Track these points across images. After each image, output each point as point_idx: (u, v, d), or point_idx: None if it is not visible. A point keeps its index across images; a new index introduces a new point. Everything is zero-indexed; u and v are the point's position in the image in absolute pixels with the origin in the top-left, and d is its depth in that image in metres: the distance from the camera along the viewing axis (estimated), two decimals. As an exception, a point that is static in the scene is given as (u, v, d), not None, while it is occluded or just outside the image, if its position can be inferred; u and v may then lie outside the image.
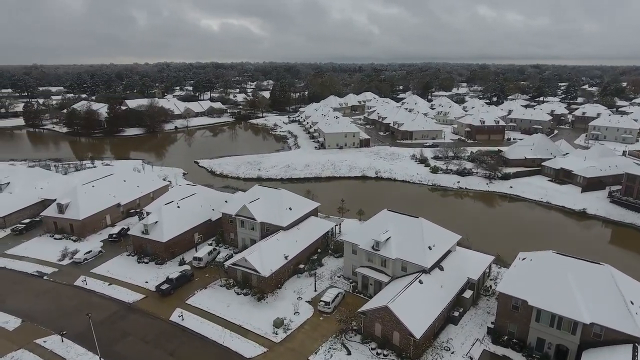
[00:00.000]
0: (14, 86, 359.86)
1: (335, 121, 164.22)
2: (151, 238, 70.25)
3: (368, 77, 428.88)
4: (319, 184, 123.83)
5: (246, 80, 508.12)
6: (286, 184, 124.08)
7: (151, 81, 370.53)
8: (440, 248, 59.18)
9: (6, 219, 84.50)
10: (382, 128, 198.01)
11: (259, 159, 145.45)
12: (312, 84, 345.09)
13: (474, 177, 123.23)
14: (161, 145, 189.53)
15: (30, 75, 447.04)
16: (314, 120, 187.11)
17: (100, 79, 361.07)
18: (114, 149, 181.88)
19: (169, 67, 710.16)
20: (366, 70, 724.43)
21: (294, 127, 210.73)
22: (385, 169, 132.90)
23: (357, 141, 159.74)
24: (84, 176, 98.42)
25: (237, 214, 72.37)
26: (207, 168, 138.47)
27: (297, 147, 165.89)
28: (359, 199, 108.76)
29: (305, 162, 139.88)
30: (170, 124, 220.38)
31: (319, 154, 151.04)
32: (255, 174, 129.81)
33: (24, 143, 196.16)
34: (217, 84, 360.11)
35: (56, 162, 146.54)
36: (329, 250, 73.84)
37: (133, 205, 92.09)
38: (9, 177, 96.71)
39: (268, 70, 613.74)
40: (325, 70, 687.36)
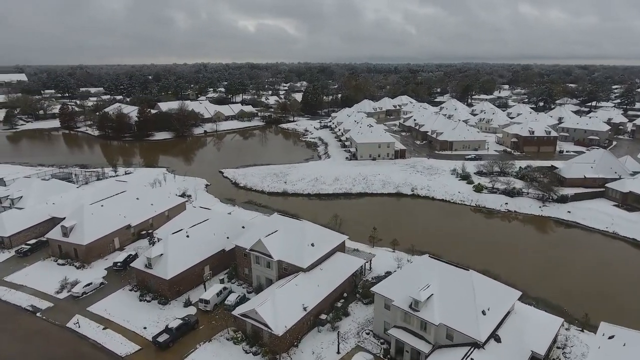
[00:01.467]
0: (57, 87, 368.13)
1: (369, 130, 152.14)
2: (155, 274, 61.41)
3: (404, 79, 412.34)
4: (349, 202, 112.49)
5: (279, 81, 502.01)
6: (313, 200, 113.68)
7: (186, 83, 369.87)
8: (497, 311, 46.80)
9: (12, 239, 78.37)
10: (418, 136, 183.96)
11: (286, 170, 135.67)
12: (346, 86, 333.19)
13: (524, 199, 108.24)
14: (188, 150, 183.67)
15: (74, 76, 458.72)
16: (346, 128, 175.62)
17: (136, 80, 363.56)
18: (141, 153, 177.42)
19: (206, 67, 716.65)
20: (402, 72, 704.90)
21: (325, 133, 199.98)
22: (422, 185, 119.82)
23: (392, 152, 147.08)
24: (97, 190, 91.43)
25: (252, 249, 62.37)
26: (231, 179, 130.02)
27: (327, 157, 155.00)
28: (393, 222, 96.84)
29: (335, 175, 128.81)
30: (199, 128, 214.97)
31: (350, 166, 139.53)
32: (280, 187, 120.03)
33: (56, 146, 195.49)
34: (249, 86, 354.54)
35: (81, 167, 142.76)
36: (356, 294, 62.58)
37: (145, 225, 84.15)
38: (22, 190, 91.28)
39: (302, 71, 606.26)
40: (360, 71, 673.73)
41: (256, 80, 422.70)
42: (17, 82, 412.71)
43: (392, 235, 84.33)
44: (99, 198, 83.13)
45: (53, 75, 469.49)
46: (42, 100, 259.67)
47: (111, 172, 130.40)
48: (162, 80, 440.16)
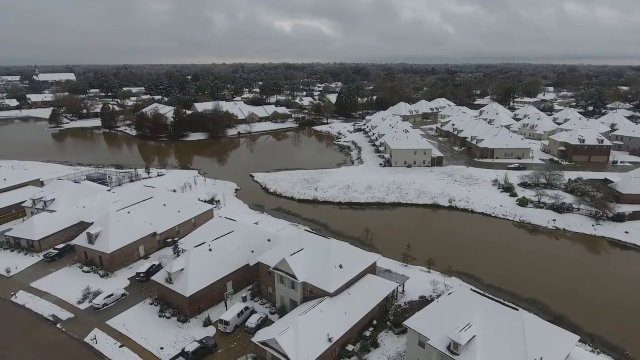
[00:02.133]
0: (101, 86, 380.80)
1: (404, 135, 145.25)
2: (175, 289, 58.39)
3: (442, 80, 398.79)
4: (382, 212, 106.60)
5: (314, 82, 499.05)
6: (344, 209, 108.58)
7: (222, 83, 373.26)
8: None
9: (42, 242, 78.00)
10: (457, 142, 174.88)
11: (317, 176, 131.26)
12: (381, 88, 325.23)
13: (574, 215, 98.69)
14: (221, 151, 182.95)
15: (118, 75, 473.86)
16: (380, 132, 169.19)
17: (175, 80, 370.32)
18: (175, 154, 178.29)
19: (243, 68, 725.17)
20: (439, 72, 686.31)
21: (358, 137, 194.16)
22: (461, 196, 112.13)
23: (429, 159, 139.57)
24: (125, 195, 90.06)
25: (276, 268, 58.15)
26: (261, 184, 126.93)
27: (360, 162, 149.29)
28: (428, 237, 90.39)
29: (367, 183, 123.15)
30: (233, 129, 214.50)
31: (383, 173, 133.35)
32: (311, 194, 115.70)
33: (96, 144, 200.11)
34: (284, 87, 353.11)
35: (116, 168, 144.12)
36: (387, 322, 57.10)
37: (171, 233, 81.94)
38: (54, 192, 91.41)
39: (337, 72, 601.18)
40: (396, 71, 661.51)
41: (291, 81, 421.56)
42: (65, 81, 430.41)
43: (427, 252, 78.37)
44: (127, 204, 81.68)
45: (99, 75, 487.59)
46: (85, 99, 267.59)
47: (144, 173, 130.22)
48: (200, 80, 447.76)
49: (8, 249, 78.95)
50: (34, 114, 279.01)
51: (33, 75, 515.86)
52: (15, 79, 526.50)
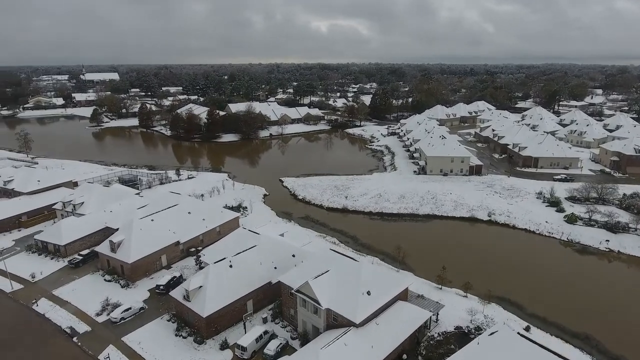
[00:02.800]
0: (141, 86, 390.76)
1: (441, 141, 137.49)
2: (192, 308, 55.10)
3: (481, 82, 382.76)
4: (415, 225, 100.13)
5: (349, 82, 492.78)
6: (375, 219, 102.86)
7: (257, 83, 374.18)
8: None
9: (67, 247, 77.18)
10: (497, 149, 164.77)
11: (348, 183, 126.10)
12: (417, 89, 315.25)
13: (631, 236, 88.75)
14: (252, 153, 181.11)
15: (158, 75, 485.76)
16: (415, 137, 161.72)
17: (212, 80, 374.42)
18: (207, 155, 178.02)
19: (278, 68, 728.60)
20: (478, 73, 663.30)
21: (392, 141, 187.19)
22: (501, 209, 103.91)
23: (467, 167, 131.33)
24: (151, 201, 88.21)
25: (298, 290, 53.68)
26: (290, 189, 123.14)
27: (394, 169, 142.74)
28: (466, 254, 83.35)
29: (400, 192, 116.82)
30: (265, 131, 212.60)
31: (417, 181, 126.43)
32: (340, 202, 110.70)
33: (132, 144, 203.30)
34: (318, 88, 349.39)
35: (149, 169, 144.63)
36: (418, 356, 51.42)
37: (195, 242, 79.25)
38: (84, 196, 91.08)
39: (372, 72, 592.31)
40: (432, 72, 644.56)
41: (325, 82, 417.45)
42: (109, 80, 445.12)
43: (463, 272, 72.09)
44: (152, 210, 79.83)
45: (141, 75, 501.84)
46: (125, 99, 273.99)
47: (174, 176, 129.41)
48: (235, 80, 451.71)
49: (36, 253, 78.74)
50: (78, 112, 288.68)
51: (80, 75, 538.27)
52: (64, 79, 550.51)
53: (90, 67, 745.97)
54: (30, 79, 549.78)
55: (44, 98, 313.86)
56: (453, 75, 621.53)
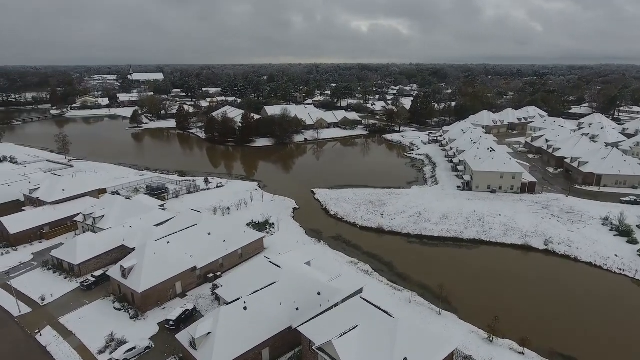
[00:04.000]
0: (182, 87, 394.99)
1: (489, 154, 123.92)
2: (199, 359, 47.26)
3: (531, 85, 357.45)
4: (459, 252, 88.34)
5: (388, 84, 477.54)
6: (413, 243, 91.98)
7: (295, 85, 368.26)
8: None
9: (82, 267, 72.10)
10: (551, 162, 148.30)
11: (384, 198, 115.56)
12: (461, 93, 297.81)
13: None
14: (285, 159, 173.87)
15: (200, 76, 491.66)
16: (459, 147, 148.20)
17: (250, 82, 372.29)
18: (239, 160, 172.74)
19: (317, 69, 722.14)
20: (526, 75, 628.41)
21: (433, 149, 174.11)
22: (560, 237, 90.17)
23: (518, 184, 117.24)
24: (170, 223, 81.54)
25: (320, 348, 44.60)
26: (322, 203, 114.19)
27: (435, 182, 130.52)
28: (520, 293, 71.22)
29: (443, 210, 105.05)
30: (300, 135, 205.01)
31: (462, 199, 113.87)
32: (375, 221, 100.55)
33: (166, 146, 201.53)
34: (356, 91, 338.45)
35: (180, 175, 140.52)
36: None
37: (214, 267, 72.00)
38: (104, 209, 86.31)
39: (413, 74, 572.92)
40: (476, 73, 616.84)
41: (364, 83, 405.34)
42: (152, 81, 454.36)
43: (518, 317, 61.08)
44: (169, 230, 73.48)
45: (184, 75, 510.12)
46: (164, 100, 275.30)
47: (203, 184, 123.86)
48: (274, 81, 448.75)
49: (51, 270, 74.30)
50: (121, 112, 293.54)
51: (128, 75, 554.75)
52: (113, 78, 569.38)
53: (139, 67, 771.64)
54: (83, 78, 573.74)
55: (90, 98, 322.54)
56: (499, 77, 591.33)
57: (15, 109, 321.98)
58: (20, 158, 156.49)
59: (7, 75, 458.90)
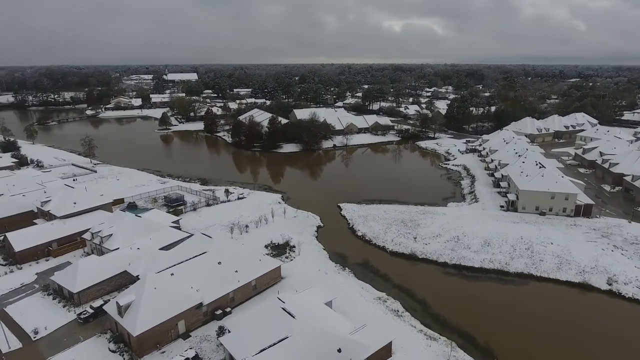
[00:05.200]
0: (213, 88, 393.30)
1: (537, 171, 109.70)
2: None
3: (579, 88, 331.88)
4: (504, 288, 76.07)
5: (422, 86, 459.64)
6: (451, 274, 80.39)
7: (325, 87, 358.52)
8: None
9: (81, 295, 65.28)
10: (608, 178, 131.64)
11: (417, 217, 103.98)
12: (501, 97, 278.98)
13: None
14: (312, 167, 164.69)
15: (232, 77, 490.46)
16: (502, 160, 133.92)
17: (281, 83, 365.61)
18: (264, 167, 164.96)
19: (350, 69, 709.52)
20: (569, 76, 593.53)
21: (471, 160, 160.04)
22: (627, 275, 76.23)
23: (572, 207, 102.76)
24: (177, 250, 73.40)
25: None
26: (348, 220, 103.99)
27: (474, 200, 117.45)
28: (581, 349, 58.55)
29: (484, 235, 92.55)
30: (329, 141, 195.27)
31: (506, 221, 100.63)
32: (408, 245, 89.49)
33: (192, 151, 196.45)
34: (388, 93, 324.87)
35: (202, 183, 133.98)
36: None
37: (223, 301, 63.40)
38: (113, 227, 79.68)
39: (448, 75, 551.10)
40: (515, 74, 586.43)
41: (397, 85, 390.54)
42: (185, 81, 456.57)
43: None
44: (176, 257, 65.46)
45: (218, 75, 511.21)
46: (194, 102, 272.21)
47: (223, 195, 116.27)
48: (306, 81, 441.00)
49: (51, 295, 67.98)
50: (152, 114, 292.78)
51: (163, 75, 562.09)
52: (149, 78, 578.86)
53: (174, 67, 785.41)
54: (121, 78, 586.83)
55: (124, 99, 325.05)
56: (539, 79, 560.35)
57: (54, 108, 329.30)
58: (47, 161, 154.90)
59: (51, 74, 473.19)
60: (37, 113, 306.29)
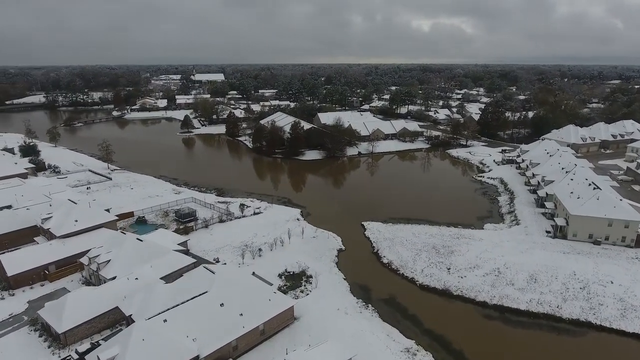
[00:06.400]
0: (238, 89, 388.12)
1: (591, 192, 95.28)
2: None
3: (623, 92, 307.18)
4: (557, 340, 63.52)
5: (452, 88, 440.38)
6: (492, 317, 68.48)
7: (351, 89, 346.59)
8: None
9: (67, 335, 57.30)
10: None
11: (451, 242, 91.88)
12: (538, 101, 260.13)
13: None
14: (334, 176, 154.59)
15: (258, 77, 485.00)
16: (546, 177, 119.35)
17: (306, 85, 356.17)
18: (285, 176, 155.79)
19: (377, 70, 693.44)
20: (609, 78, 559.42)
21: (509, 172, 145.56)
22: None
23: (633, 236, 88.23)
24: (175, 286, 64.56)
25: None
26: (372, 243, 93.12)
27: (515, 222, 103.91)
28: None
29: (529, 269, 79.78)
30: (354, 148, 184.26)
31: (554, 251, 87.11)
32: (440, 278, 77.96)
33: (211, 157, 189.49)
34: (417, 96, 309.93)
35: (217, 194, 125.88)
36: None
37: (225, 352, 53.97)
38: (111, 252, 71.77)
39: (479, 76, 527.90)
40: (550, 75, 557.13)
41: (426, 87, 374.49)
42: (210, 82, 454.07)
43: None
44: (172, 298, 56.51)
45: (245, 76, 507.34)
46: (217, 104, 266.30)
47: (238, 210, 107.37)
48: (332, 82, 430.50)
49: (38, 332, 60.47)
50: (176, 115, 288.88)
51: (191, 75, 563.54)
52: (178, 78, 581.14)
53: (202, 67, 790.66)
54: (150, 78, 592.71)
55: (149, 100, 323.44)
56: (576, 80, 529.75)
57: (83, 109, 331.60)
58: (65, 167, 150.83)
59: (83, 75, 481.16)
60: (67, 113, 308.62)
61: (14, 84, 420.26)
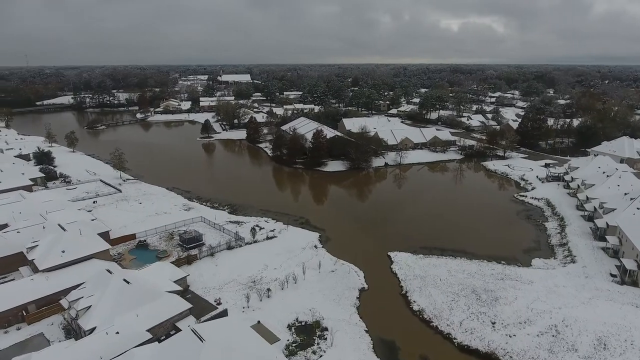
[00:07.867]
0: (262, 91, 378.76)
1: (668, 229, 77.82)
2: None
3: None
4: None
5: (485, 91, 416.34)
6: (553, 400, 53.27)
7: (378, 92, 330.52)
8: None
9: (27, 409, 46.45)
10: None
11: (494, 284, 76.83)
12: (581, 107, 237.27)
13: None
14: (359, 189, 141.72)
15: (284, 79, 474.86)
16: (605, 204, 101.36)
17: (332, 87, 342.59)
18: (306, 190, 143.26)
19: (405, 71, 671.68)
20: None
21: (555, 192, 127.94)
22: None
23: None
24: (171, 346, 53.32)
25: None
26: (400, 282, 79.21)
27: (570, 259, 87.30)
28: None
29: (595, 328, 63.97)
30: (380, 159, 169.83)
31: (624, 304, 70.66)
32: (484, 335, 63.33)
33: (228, 166, 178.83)
34: (448, 100, 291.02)
35: (230, 211, 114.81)
36: None
37: None
38: (94, 294, 60.86)
39: (513, 77, 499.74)
40: (589, 77, 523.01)
41: (457, 90, 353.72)
42: (235, 83, 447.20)
43: None
44: None
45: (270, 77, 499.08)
46: (239, 107, 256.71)
47: (249, 235, 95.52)
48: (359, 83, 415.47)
49: (-1, 397, 50.08)
50: (199, 118, 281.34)
51: (217, 76, 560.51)
52: (205, 79, 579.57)
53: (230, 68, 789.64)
54: (179, 78, 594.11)
55: (173, 102, 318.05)
56: (618, 82, 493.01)
57: (109, 110, 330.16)
58: (77, 175, 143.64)
59: (113, 75, 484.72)
60: (93, 115, 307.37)
61: (47, 84, 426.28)
